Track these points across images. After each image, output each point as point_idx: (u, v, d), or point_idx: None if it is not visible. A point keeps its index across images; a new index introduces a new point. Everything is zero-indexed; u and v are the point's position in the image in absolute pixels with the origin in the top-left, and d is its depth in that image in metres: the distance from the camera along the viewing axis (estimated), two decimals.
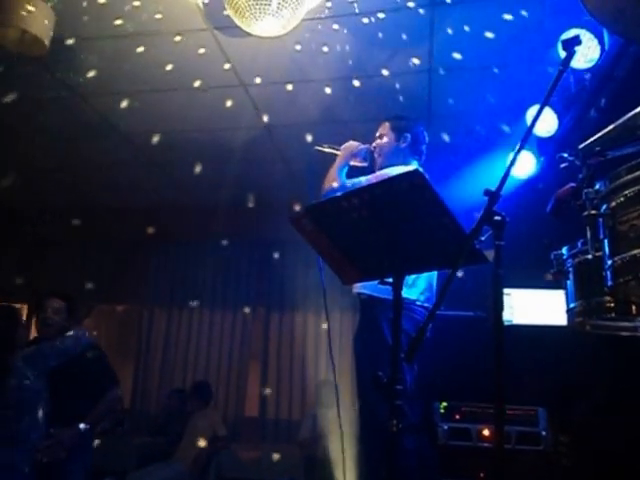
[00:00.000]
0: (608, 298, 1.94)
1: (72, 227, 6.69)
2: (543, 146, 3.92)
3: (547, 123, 3.69)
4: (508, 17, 3.46)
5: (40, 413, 3.33)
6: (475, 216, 1.68)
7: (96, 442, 4.30)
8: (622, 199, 1.79)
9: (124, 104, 4.58)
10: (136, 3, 3.53)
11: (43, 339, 3.65)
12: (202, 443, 5.32)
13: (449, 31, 3.65)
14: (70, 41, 3.84)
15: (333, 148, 3.29)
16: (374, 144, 3.30)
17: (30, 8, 3.35)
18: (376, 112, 4.11)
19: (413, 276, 2.87)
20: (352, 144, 3.28)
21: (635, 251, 1.71)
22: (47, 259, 6.88)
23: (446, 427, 3.69)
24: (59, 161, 5.59)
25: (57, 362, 3.49)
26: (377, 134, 3.32)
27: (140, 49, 3.91)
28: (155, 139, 5.20)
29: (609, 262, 1.83)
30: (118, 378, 3.92)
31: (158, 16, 3.62)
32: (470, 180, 3.55)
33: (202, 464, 5.26)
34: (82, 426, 3.46)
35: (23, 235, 6.95)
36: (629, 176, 1.79)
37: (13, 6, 3.33)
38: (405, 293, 2.58)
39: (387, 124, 3.31)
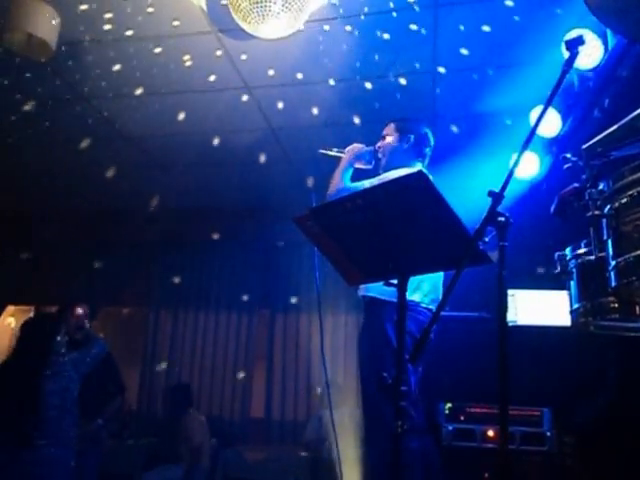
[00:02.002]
0: (612, 299, 1.94)
1: (77, 230, 6.72)
2: (547, 147, 3.91)
3: (551, 123, 3.69)
4: (512, 17, 3.46)
5: (76, 413, 3.60)
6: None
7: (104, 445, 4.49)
8: (626, 199, 1.79)
9: (129, 107, 4.60)
10: (140, 6, 3.54)
11: (74, 343, 3.91)
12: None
13: (453, 32, 3.64)
14: (75, 44, 3.85)
15: (338, 151, 3.29)
16: (378, 145, 3.29)
17: (36, 12, 3.37)
18: (381, 113, 4.13)
19: (418, 278, 2.86)
20: (356, 146, 3.27)
21: (639, 251, 1.71)
22: (52, 262, 6.90)
23: (451, 428, 3.69)
24: (64, 164, 5.60)
25: (91, 368, 3.78)
26: (382, 135, 3.33)
27: (144, 52, 3.92)
28: (159, 142, 5.22)
29: (613, 263, 1.83)
30: (125, 385, 4.52)
31: (162, 19, 3.62)
32: (474, 181, 3.55)
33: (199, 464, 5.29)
34: (100, 421, 4.04)
35: (29, 238, 6.96)
36: (633, 176, 1.79)
37: (20, 10, 3.35)
38: (410, 295, 2.61)
39: (392, 125, 3.30)
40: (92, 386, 3.88)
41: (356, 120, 4.53)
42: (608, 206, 1.88)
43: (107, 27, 3.71)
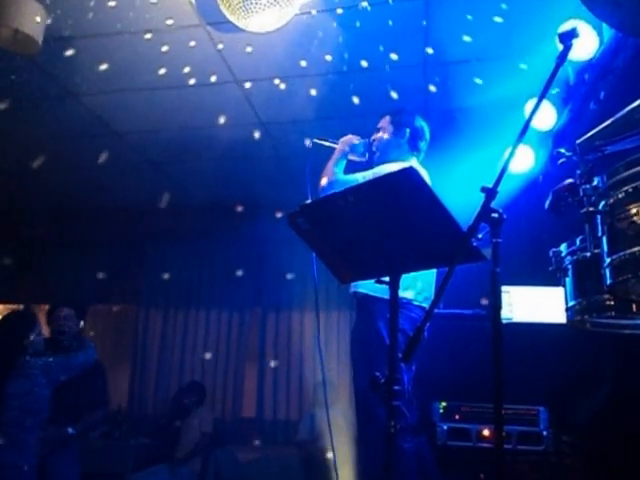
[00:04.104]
0: (607, 296, 1.92)
1: (67, 228, 6.67)
2: (542, 140, 3.87)
3: (546, 116, 3.65)
4: (505, 8, 3.42)
5: (42, 418, 3.47)
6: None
7: (95, 445, 4.42)
8: (620, 196, 1.76)
9: (117, 102, 4.56)
10: (129, 1, 3.49)
11: (58, 347, 3.88)
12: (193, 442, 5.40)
13: (445, 23, 3.61)
14: (62, 39, 3.81)
15: (331, 142, 3.26)
16: (373, 137, 3.27)
17: (22, 7, 3.33)
18: (372, 106, 4.10)
19: (411, 275, 2.82)
20: (350, 138, 3.24)
21: (634, 249, 1.67)
22: (42, 260, 6.85)
23: (445, 427, 3.66)
24: (52, 161, 5.53)
25: (68, 376, 3.66)
26: (377, 127, 3.29)
27: (133, 46, 3.88)
28: (149, 137, 5.18)
29: (608, 260, 1.80)
30: (110, 398, 4.41)
31: (150, 13, 3.58)
32: (467, 176, 3.51)
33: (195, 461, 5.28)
34: (70, 430, 3.79)
35: (17, 236, 6.90)
36: (627, 172, 1.76)
37: (5, 5, 3.32)
38: (402, 293, 2.57)
39: (387, 118, 3.28)
40: (73, 393, 3.80)
41: (346, 113, 4.49)
42: (603, 202, 1.85)
43: (95, 22, 3.66)
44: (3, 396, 3.32)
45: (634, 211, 1.69)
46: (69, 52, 3.95)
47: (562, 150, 2.13)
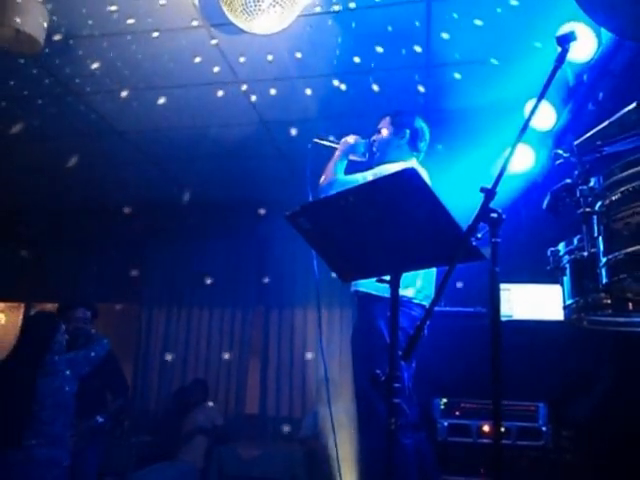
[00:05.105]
0: (604, 295, 1.94)
1: (69, 226, 6.67)
2: (542, 140, 3.88)
3: (546, 117, 3.66)
4: (506, 10, 3.43)
5: (71, 413, 3.59)
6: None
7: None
8: (616, 197, 1.79)
9: (119, 102, 4.57)
10: (132, 1, 3.51)
11: (75, 345, 3.92)
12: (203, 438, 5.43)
13: (446, 25, 3.62)
14: (65, 39, 3.83)
15: (332, 141, 3.28)
16: (373, 138, 3.29)
17: (24, 7, 3.35)
18: (373, 107, 4.11)
19: (411, 274, 2.85)
20: (351, 138, 3.26)
21: (629, 249, 1.70)
22: (45, 259, 6.86)
23: (446, 424, 3.68)
24: (54, 160, 5.55)
25: (90, 369, 3.78)
26: (377, 128, 3.31)
27: (136, 46, 3.89)
28: (150, 137, 5.20)
29: (604, 260, 1.83)
30: (128, 384, 4.59)
31: (154, 13, 3.60)
32: (467, 176, 3.53)
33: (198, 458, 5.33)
34: (99, 419, 4.07)
35: (20, 235, 6.92)
36: (623, 174, 1.79)
37: (7, 5, 3.33)
38: (403, 291, 2.60)
39: (388, 119, 3.30)
40: (94, 385, 3.91)
41: (347, 114, 4.51)
42: (599, 203, 1.87)
43: (98, 22, 3.68)
44: (37, 395, 3.39)
45: (629, 212, 1.72)
46: (71, 52, 3.97)
47: (560, 151, 2.16)
